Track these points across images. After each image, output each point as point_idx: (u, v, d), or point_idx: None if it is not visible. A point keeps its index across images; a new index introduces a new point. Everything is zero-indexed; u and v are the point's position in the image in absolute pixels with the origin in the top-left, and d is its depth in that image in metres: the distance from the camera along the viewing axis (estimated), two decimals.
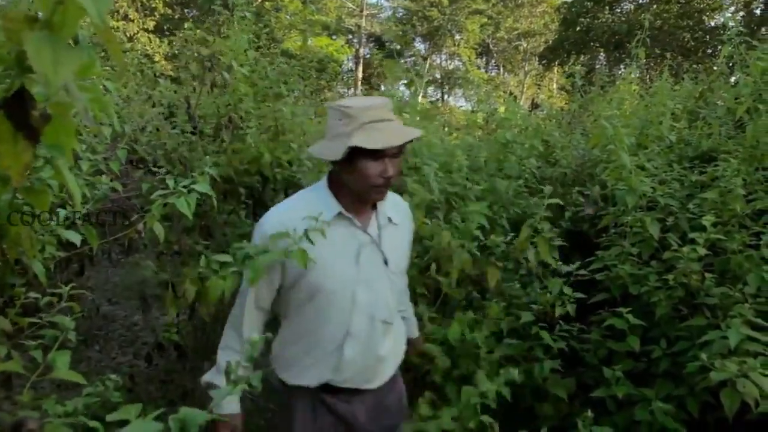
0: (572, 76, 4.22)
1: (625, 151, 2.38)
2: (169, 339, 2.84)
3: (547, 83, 24.13)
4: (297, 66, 3.51)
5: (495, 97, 5.38)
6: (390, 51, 22.92)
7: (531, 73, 27.71)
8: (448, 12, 27.34)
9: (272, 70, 3.18)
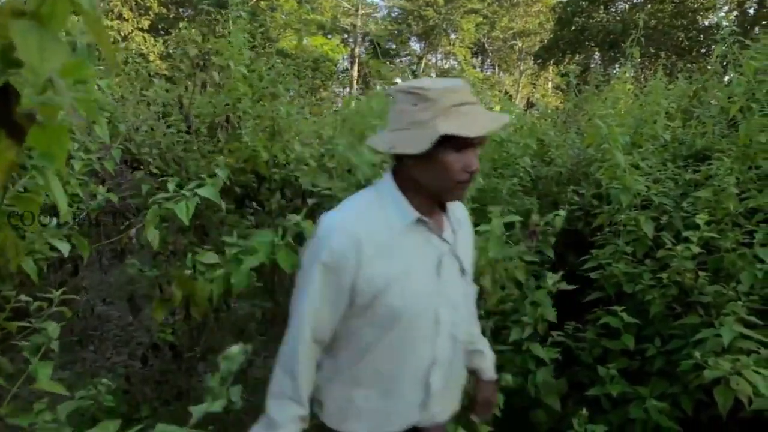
0: (567, 76, 4.23)
1: (620, 150, 2.39)
2: (164, 339, 2.82)
3: (543, 82, 24.16)
4: (292, 65, 3.51)
5: (490, 96, 5.38)
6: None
7: (526, 73, 27.72)
8: (443, 11, 27.35)
9: (269, 70, 3.18)
